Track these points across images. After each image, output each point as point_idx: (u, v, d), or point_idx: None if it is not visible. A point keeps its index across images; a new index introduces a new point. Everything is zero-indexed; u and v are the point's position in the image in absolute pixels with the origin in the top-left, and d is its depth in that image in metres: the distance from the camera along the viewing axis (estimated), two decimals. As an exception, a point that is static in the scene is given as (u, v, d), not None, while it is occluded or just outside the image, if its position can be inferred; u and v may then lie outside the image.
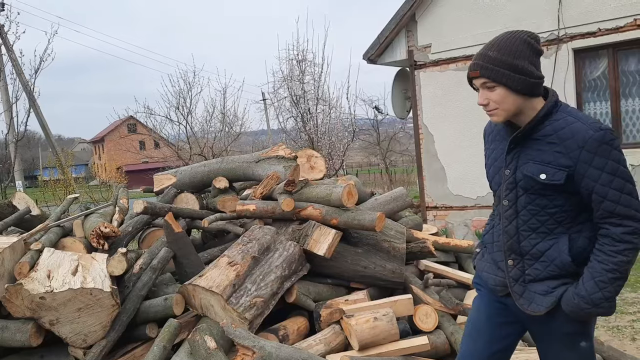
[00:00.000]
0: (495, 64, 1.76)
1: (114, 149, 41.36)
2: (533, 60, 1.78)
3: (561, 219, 1.81)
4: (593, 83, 8.03)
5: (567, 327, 1.85)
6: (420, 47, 8.96)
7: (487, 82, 1.79)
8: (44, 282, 2.94)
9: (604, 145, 1.71)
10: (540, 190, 1.80)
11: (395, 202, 4.59)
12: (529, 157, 1.82)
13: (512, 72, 1.75)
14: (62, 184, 14.59)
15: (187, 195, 4.46)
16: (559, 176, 1.75)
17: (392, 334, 3.17)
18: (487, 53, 1.79)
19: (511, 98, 1.78)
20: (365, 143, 26.40)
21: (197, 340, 2.73)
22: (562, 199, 1.79)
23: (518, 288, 1.91)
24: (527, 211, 1.85)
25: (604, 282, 1.73)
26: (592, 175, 1.72)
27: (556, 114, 1.81)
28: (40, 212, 4.23)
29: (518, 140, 1.85)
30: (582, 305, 1.75)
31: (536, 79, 1.78)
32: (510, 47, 1.76)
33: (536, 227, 1.84)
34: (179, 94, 13.83)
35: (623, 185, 1.72)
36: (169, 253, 3.44)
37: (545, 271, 1.84)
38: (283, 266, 3.37)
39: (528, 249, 1.87)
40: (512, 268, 1.92)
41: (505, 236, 1.93)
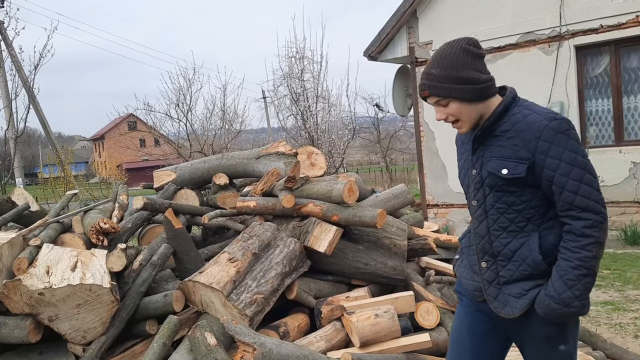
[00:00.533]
0: (440, 81, 1.77)
1: (114, 146, 41.35)
2: (476, 66, 1.78)
3: (529, 215, 1.79)
4: (595, 80, 8.01)
5: (544, 330, 1.81)
6: (422, 44, 8.93)
7: (439, 100, 1.81)
8: (42, 278, 2.92)
9: (559, 134, 1.70)
10: (504, 186, 1.79)
11: (396, 199, 4.56)
12: (492, 154, 1.82)
13: (459, 84, 1.76)
14: (62, 181, 14.58)
15: (187, 191, 4.44)
16: (519, 169, 1.74)
17: (394, 331, 3.15)
18: (431, 72, 1.80)
19: (467, 108, 1.80)
20: (366, 141, 26.41)
21: (197, 337, 2.71)
22: (528, 194, 1.78)
23: (492, 290, 1.88)
24: (495, 210, 1.83)
25: (571, 280, 1.69)
26: (551, 165, 1.71)
27: (514, 108, 1.81)
28: (39, 208, 4.21)
29: (479, 139, 1.85)
30: (553, 306, 1.71)
31: (484, 83, 1.78)
32: (451, 60, 1.76)
33: (506, 226, 1.82)
34: (178, 91, 13.81)
35: (582, 175, 1.69)
36: (168, 249, 3.42)
37: (518, 271, 1.81)
38: (284, 263, 3.35)
39: (500, 249, 1.84)
40: (485, 270, 1.89)
41: (477, 238, 1.91)
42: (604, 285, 5.40)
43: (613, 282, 5.54)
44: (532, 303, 1.78)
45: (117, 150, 36.40)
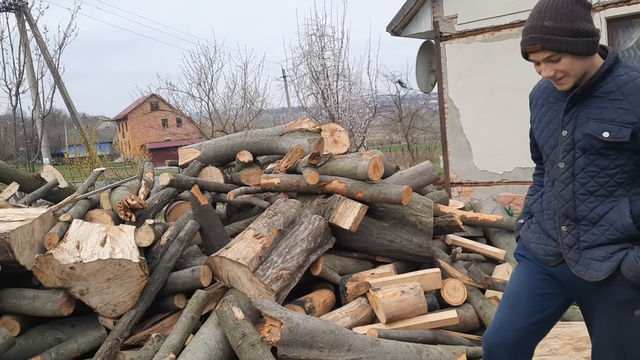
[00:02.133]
0: (555, 33, 1.65)
1: (137, 126, 41.78)
2: (588, 17, 1.69)
3: (622, 180, 1.74)
4: (627, 53, 7.72)
5: (625, 294, 1.77)
6: (446, 18, 8.71)
7: (551, 55, 1.70)
8: (73, 253, 2.98)
9: None
10: (601, 149, 1.72)
11: (421, 176, 4.51)
12: (590, 115, 1.74)
13: (575, 37, 1.65)
14: (88, 161, 14.83)
15: (211, 169, 4.45)
16: (623, 133, 1.67)
17: (420, 308, 3.14)
18: (542, 24, 1.67)
19: (578, 63, 1.70)
20: (387, 120, 26.13)
21: (225, 311, 2.74)
22: (625, 158, 1.72)
23: (573, 255, 1.83)
24: (585, 173, 1.77)
25: None
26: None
27: (617, 69, 1.72)
28: (67, 185, 4.28)
29: (577, 98, 1.76)
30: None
31: (596, 36, 1.69)
32: (565, 10, 1.65)
33: (594, 190, 1.76)
34: (200, 70, 13.81)
35: None
36: (195, 225, 3.44)
37: (604, 236, 1.76)
38: (308, 239, 3.35)
39: (585, 213, 1.79)
40: (566, 234, 1.84)
41: (560, 201, 1.84)
42: None
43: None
44: (618, 266, 1.74)
45: (140, 130, 36.76)
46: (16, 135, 13.01)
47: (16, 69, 12.29)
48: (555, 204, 1.87)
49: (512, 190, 8.32)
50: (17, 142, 13.21)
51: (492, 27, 8.23)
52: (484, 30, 8.38)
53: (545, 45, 1.68)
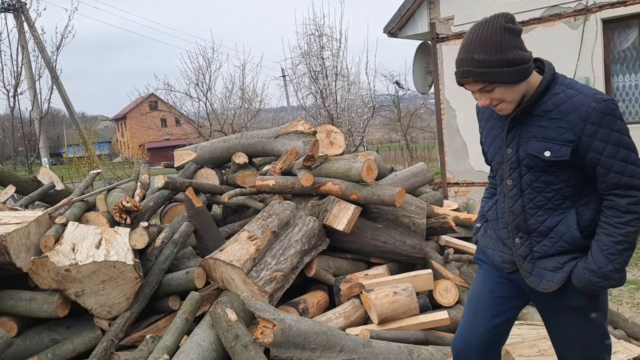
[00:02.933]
0: (485, 66, 1.66)
1: (135, 126, 41.76)
2: (518, 43, 1.69)
3: (567, 193, 1.79)
4: (622, 54, 7.76)
5: (578, 301, 1.83)
6: (443, 20, 8.75)
7: (484, 86, 1.72)
8: (68, 255, 3.00)
9: (607, 116, 1.68)
10: (544, 167, 1.76)
11: (415, 178, 4.55)
12: (531, 134, 1.77)
13: (506, 67, 1.66)
14: (86, 160, 14.84)
15: (207, 170, 4.48)
16: (564, 152, 1.71)
17: (412, 309, 3.17)
18: (473, 57, 1.68)
19: (512, 90, 1.72)
20: (386, 119, 26.16)
21: (218, 313, 2.77)
22: (568, 174, 1.76)
23: (527, 265, 1.88)
24: (532, 189, 1.81)
25: (613, 255, 1.71)
26: (597, 148, 1.68)
27: (555, 87, 1.75)
28: (64, 187, 4.31)
29: (517, 118, 1.79)
30: (594, 280, 1.73)
31: (528, 62, 1.70)
32: (494, 41, 1.65)
33: (542, 204, 1.81)
34: (198, 70, 13.83)
35: (628, 155, 1.69)
36: (190, 227, 3.47)
37: (554, 247, 1.82)
38: (303, 241, 3.38)
39: (535, 226, 1.83)
40: (519, 246, 1.89)
41: (511, 216, 1.89)
42: (628, 265, 5.33)
43: (636, 261, 5.45)
44: (569, 276, 1.79)
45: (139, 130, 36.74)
46: (14, 136, 13.03)
47: (14, 69, 12.32)
48: (507, 218, 1.92)
49: (507, 191, 8.34)
50: (15, 142, 13.22)
51: (488, 28, 8.26)
52: (480, 31, 8.41)
53: (477, 78, 1.70)
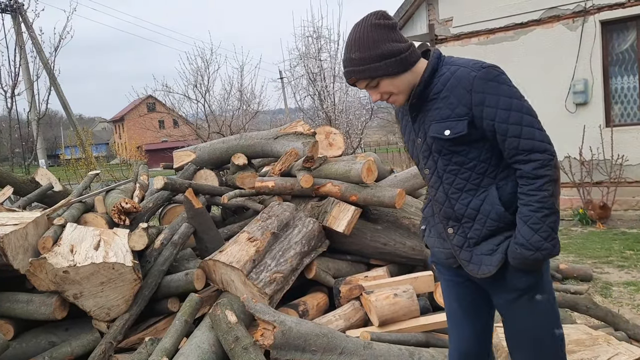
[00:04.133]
0: (362, 63, 1.72)
1: (133, 127, 41.72)
2: (392, 37, 1.73)
3: (483, 170, 1.76)
4: (621, 56, 7.77)
5: (520, 281, 1.77)
6: (442, 21, 8.76)
7: (368, 82, 1.76)
8: (67, 257, 2.98)
9: (489, 82, 1.68)
10: (451, 147, 1.76)
11: (415, 179, 4.53)
12: (431, 118, 1.79)
13: (381, 61, 1.71)
14: (84, 162, 14.79)
15: (206, 171, 4.47)
16: (461, 126, 1.71)
17: (413, 311, 3.16)
18: (351, 57, 1.74)
19: (397, 81, 1.76)
20: (384, 121, 26.16)
21: (218, 315, 2.75)
22: (476, 150, 1.75)
23: (464, 254, 1.84)
24: (449, 173, 1.81)
25: (536, 224, 1.66)
26: (488, 114, 1.68)
27: (441, 68, 1.77)
28: (62, 188, 4.29)
29: (415, 107, 1.82)
30: (525, 253, 1.68)
31: (405, 52, 1.73)
32: (366, 39, 1.71)
33: (462, 186, 1.79)
34: (196, 71, 13.83)
35: (520, 118, 1.67)
36: (189, 229, 3.46)
37: (484, 228, 1.78)
38: (302, 242, 3.37)
39: (462, 211, 1.81)
40: (453, 236, 1.85)
41: (437, 205, 1.88)
42: (627, 266, 5.32)
43: (636, 263, 5.45)
44: (505, 256, 1.75)
45: (137, 131, 36.72)
46: (11, 137, 12.98)
47: (12, 70, 12.29)
48: (435, 208, 1.90)
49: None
50: (13, 143, 13.17)
51: (487, 30, 8.28)
52: (478, 33, 8.42)
53: (358, 76, 1.75)
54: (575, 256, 5.91)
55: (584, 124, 7.79)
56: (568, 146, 7.90)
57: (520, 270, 1.74)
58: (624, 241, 6.42)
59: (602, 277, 5.01)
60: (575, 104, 7.92)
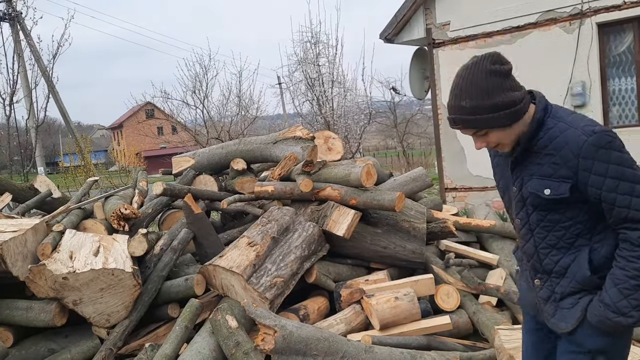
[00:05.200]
0: (475, 113, 1.62)
1: (132, 134, 41.71)
2: (507, 85, 1.62)
3: (578, 231, 1.70)
4: (618, 58, 7.79)
5: (590, 341, 1.72)
6: (439, 25, 8.78)
7: (476, 131, 1.68)
8: (66, 263, 2.97)
9: (601, 150, 1.59)
10: (548, 205, 1.69)
11: (414, 183, 4.53)
12: (531, 172, 1.71)
13: (495, 112, 1.61)
14: (83, 169, 14.78)
15: (205, 177, 4.46)
16: (563, 189, 1.64)
17: (414, 314, 3.15)
18: (460, 104, 1.63)
19: (507, 132, 1.67)
20: (382, 126, 26.18)
21: (218, 320, 2.74)
22: (575, 210, 1.68)
23: (549, 308, 1.80)
24: (541, 228, 1.74)
25: (627, 290, 1.60)
26: (596, 182, 1.60)
27: (548, 121, 1.68)
28: (61, 195, 4.28)
29: (517, 158, 1.75)
30: (609, 314, 1.62)
31: (520, 103, 1.64)
32: (481, 87, 1.60)
33: (554, 243, 1.73)
34: (194, 77, 13.83)
35: (632, 188, 1.58)
36: (189, 234, 3.45)
37: (569, 287, 1.73)
38: (302, 246, 3.36)
39: (551, 266, 1.75)
40: (540, 288, 1.80)
41: (526, 256, 1.82)
42: None
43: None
44: (585, 313, 1.69)
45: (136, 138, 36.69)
46: (10, 145, 12.97)
47: (10, 78, 12.29)
48: (525, 258, 1.84)
49: (506, 195, 8.34)
50: (12, 151, 13.15)
51: (484, 33, 8.29)
52: (476, 37, 8.44)
53: (467, 125, 1.66)
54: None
55: (582, 126, 7.80)
56: (567, 148, 7.90)
57: (596, 331, 1.69)
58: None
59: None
60: (573, 106, 7.92)
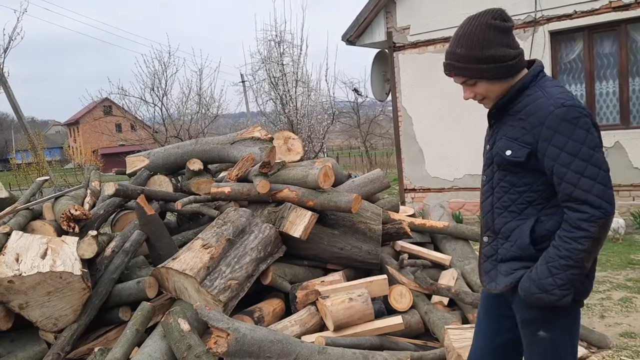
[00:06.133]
0: (467, 61, 1.71)
1: (89, 131, 40.53)
2: (504, 41, 1.70)
3: (531, 198, 1.74)
4: (569, 65, 8.11)
5: (524, 312, 1.78)
6: (399, 29, 8.91)
7: (466, 80, 1.76)
8: (12, 266, 2.87)
9: (564, 122, 1.62)
10: (508, 166, 1.75)
11: (372, 184, 4.58)
12: (503, 132, 1.78)
13: (486, 63, 1.69)
14: (35, 167, 14.27)
15: (160, 177, 4.39)
16: (521, 153, 1.70)
17: (367, 314, 3.19)
18: (455, 51, 1.73)
19: (495, 86, 1.74)
20: (346, 126, 26.36)
21: (170, 323, 2.70)
22: (531, 178, 1.73)
23: (487, 265, 1.87)
24: (500, 188, 1.80)
25: (555, 268, 1.64)
26: (552, 154, 1.64)
27: (532, 87, 1.73)
28: (8, 195, 4.12)
29: (495, 115, 1.81)
30: (533, 289, 1.68)
31: (513, 59, 1.70)
32: (477, 38, 1.68)
33: (507, 205, 1.78)
34: (153, 74, 13.53)
35: (584, 167, 1.60)
36: (141, 236, 3.39)
37: (510, 251, 1.78)
38: (258, 248, 3.35)
39: (500, 227, 1.81)
40: (486, 245, 1.87)
41: (482, 212, 1.89)
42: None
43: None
44: (517, 284, 1.75)
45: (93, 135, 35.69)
46: (-43, 141, 12.41)
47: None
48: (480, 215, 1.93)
49: (462, 197, 8.56)
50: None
51: (443, 38, 8.47)
52: (435, 41, 8.62)
53: (458, 72, 1.75)
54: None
55: (534, 130, 8.07)
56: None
57: (524, 303, 1.74)
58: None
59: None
60: (526, 111, 8.20)
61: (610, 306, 4.31)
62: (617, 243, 6.46)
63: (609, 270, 5.34)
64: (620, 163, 7.59)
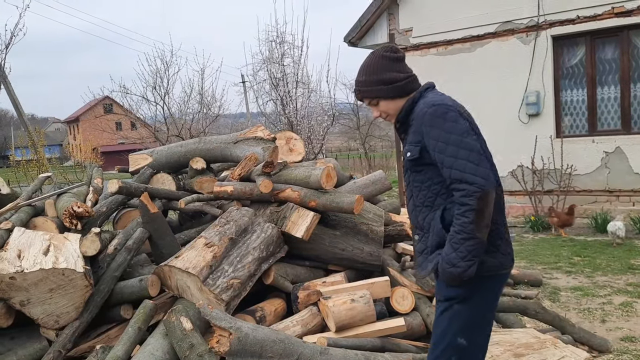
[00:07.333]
0: (366, 85, 2.12)
1: (89, 129, 40.50)
2: (395, 67, 2.10)
3: (436, 191, 2.04)
4: (571, 70, 8.12)
5: (444, 291, 2.04)
6: (402, 31, 8.93)
7: (370, 101, 2.16)
8: (14, 262, 2.87)
9: (436, 118, 1.96)
10: (413, 167, 2.08)
11: (374, 186, 4.59)
12: (407, 141, 2.12)
13: (382, 85, 2.09)
14: (35, 164, 14.26)
15: (163, 175, 4.38)
16: (414, 151, 2.04)
17: (369, 316, 3.19)
18: (359, 79, 2.15)
19: (392, 104, 2.12)
20: (345, 127, 26.40)
21: (172, 322, 2.70)
22: (430, 172, 2.03)
23: (420, 259, 2.13)
24: (414, 188, 2.11)
25: (456, 243, 1.90)
26: (432, 145, 1.97)
27: (420, 101, 2.07)
28: (10, 191, 4.11)
29: (400, 129, 2.18)
30: (444, 266, 1.94)
31: (402, 81, 2.09)
32: (373, 66, 2.10)
33: (423, 202, 2.08)
34: (155, 73, 13.53)
35: (457, 151, 1.91)
36: (144, 234, 3.38)
37: (432, 240, 2.05)
38: (261, 248, 3.35)
39: (422, 222, 2.10)
40: (417, 242, 2.14)
41: (408, 213, 2.19)
42: (574, 272, 5.54)
43: (583, 268, 5.68)
44: (436, 266, 2.02)
45: (93, 133, 35.66)
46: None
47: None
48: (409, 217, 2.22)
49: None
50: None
51: (445, 41, 8.50)
52: (437, 44, 8.63)
53: (362, 96, 2.17)
54: (527, 262, 6.12)
55: (536, 135, 8.09)
56: (521, 155, 8.18)
57: (443, 282, 2.01)
58: (572, 247, 6.69)
59: (551, 282, 5.20)
60: (528, 115, 8.22)
61: (611, 311, 4.31)
62: (618, 247, 6.47)
63: (610, 275, 5.34)
64: (620, 168, 7.60)
